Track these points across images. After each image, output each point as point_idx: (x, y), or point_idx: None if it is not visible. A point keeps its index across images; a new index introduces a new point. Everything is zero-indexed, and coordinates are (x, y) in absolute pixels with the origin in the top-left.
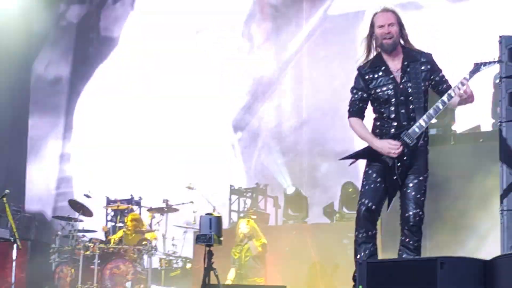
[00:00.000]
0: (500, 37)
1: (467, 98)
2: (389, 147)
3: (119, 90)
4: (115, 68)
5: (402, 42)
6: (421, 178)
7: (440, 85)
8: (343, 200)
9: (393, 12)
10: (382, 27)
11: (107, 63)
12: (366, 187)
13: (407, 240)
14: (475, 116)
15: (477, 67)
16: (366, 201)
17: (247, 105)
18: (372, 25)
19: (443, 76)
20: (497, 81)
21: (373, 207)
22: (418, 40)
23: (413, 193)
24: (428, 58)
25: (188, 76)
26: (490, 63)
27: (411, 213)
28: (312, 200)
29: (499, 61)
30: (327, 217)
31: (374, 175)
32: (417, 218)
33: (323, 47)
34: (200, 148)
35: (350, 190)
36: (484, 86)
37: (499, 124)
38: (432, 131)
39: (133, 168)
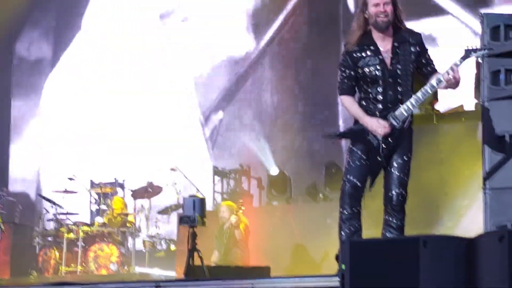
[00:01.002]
0: (481, 15)
1: (453, 84)
2: (377, 125)
3: (94, 74)
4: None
5: (394, 22)
6: (405, 158)
7: (425, 67)
8: (326, 180)
9: None
10: (377, 6)
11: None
12: (352, 164)
13: (390, 219)
14: (458, 95)
15: (467, 53)
16: (351, 178)
17: (228, 86)
18: (365, 3)
19: (429, 57)
20: (480, 60)
21: (359, 184)
22: None
23: (397, 173)
24: (417, 39)
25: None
26: (480, 49)
27: (394, 192)
28: (296, 180)
29: (489, 48)
30: (310, 197)
31: (359, 152)
32: (400, 198)
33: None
34: (181, 131)
35: (333, 170)
36: (467, 65)
37: (481, 103)
38: (415, 110)
39: (115, 151)
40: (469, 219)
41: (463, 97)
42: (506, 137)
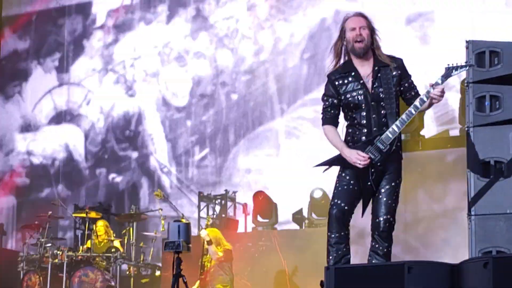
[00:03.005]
0: (467, 42)
1: (437, 99)
2: (356, 157)
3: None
4: None
5: (372, 47)
6: (393, 184)
7: (408, 92)
8: (312, 206)
9: (365, 16)
10: (353, 30)
11: None
12: (339, 188)
13: (376, 246)
14: (443, 121)
15: (448, 72)
16: (339, 202)
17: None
18: (342, 30)
19: (412, 82)
20: (465, 86)
21: (346, 207)
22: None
23: (385, 198)
24: (399, 63)
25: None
26: (461, 67)
27: (381, 218)
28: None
29: (470, 65)
30: (296, 223)
31: (348, 177)
32: (388, 224)
33: None
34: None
35: (319, 196)
36: (452, 91)
37: (466, 129)
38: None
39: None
40: (454, 245)
41: (448, 123)
42: (491, 163)
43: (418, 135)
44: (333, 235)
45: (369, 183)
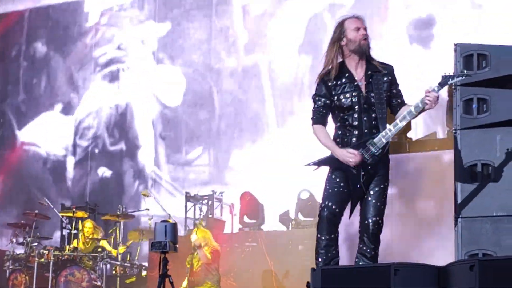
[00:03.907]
0: (455, 45)
1: (432, 104)
2: (347, 155)
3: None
4: None
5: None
6: (382, 186)
7: (395, 98)
8: (299, 208)
9: (364, 20)
10: (358, 29)
11: None
12: (330, 191)
13: (364, 248)
14: (431, 123)
15: (445, 80)
16: (330, 204)
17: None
18: (341, 31)
19: (400, 90)
20: (453, 88)
21: (337, 210)
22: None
23: (374, 201)
24: (389, 70)
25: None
26: (458, 76)
27: (370, 220)
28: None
29: (467, 75)
30: (283, 224)
31: (338, 179)
32: (376, 226)
33: None
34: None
35: (306, 198)
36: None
37: (453, 132)
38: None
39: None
40: (440, 248)
41: (435, 125)
42: (478, 166)
43: (405, 137)
44: (323, 238)
45: (359, 186)
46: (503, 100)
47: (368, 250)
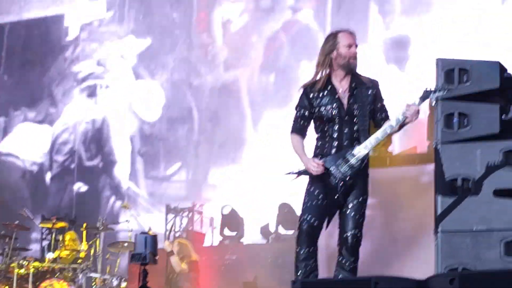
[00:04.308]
0: (437, 59)
1: (413, 117)
2: (312, 164)
3: None
4: None
5: None
6: (360, 199)
7: (379, 113)
8: (279, 220)
9: (355, 34)
10: (351, 47)
11: None
12: (308, 204)
13: (343, 261)
14: (411, 137)
15: (426, 94)
16: (309, 217)
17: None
18: (334, 44)
19: (384, 105)
20: (434, 103)
21: (316, 223)
22: None
23: (353, 213)
24: (374, 84)
25: None
26: (439, 90)
27: (349, 233)
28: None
29: (448, 89)
30: (263, 237)
31: (317, 192)
32: (355, 239)
33: None
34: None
35: (286, 211)
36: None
37: (434, 146)
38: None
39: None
40: (420, 261)
41: (416, 139)
42: (458, 180)
43: (385, 151)
44: (302, 251)
45: (336, 196)
46: (484, 115)
47: (348, 263)
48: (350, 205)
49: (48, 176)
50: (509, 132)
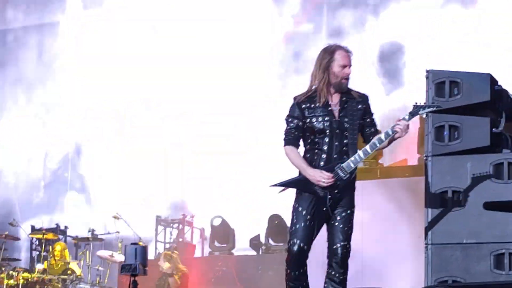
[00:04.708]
0: (427, 71)
1: (402, 133)
2: (320, 175)
3: None
4: None
5: None
6: (348, 211)
7: (368, 127)
8: (269, 232)
9: (352, 54)
10: (345, 67)
11: None
12: (297, 226)
13: (333, 273)
14: (402, 150)
15: (416, 110)
16: (298, 241)
17: None
18: (330, 60)
19: (374, 120)
20: (424, 115)
21: (305, 247)
22: None
23: (341, 226)
24: (364, 99)
25: None
26: (429, 107)
27: (338, 245)
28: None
29: (437, 106)
30: (253, 249)
31: (304, 212)
32: (345, 251)
33: None
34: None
35: (277, 222)
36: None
37: (425, 158)
38: (359, 164)
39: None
40: (410, 273)
41: (406, 152)
42: (448, 193)
43: (376, 163)
44: (292, 273)
45: (325, 209)
46: (474, 127)
47: (337, 275)
48: (338, 218)
49: (41, 185)
50: (499, 145)
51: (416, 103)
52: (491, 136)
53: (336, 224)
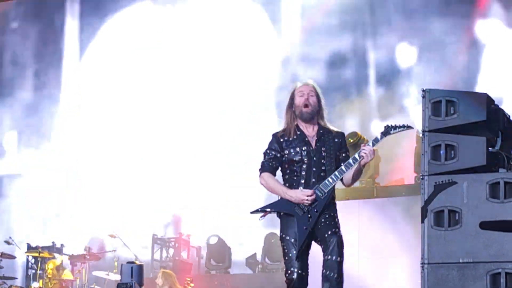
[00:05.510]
0: (423, 90)
1: (368, 157)
2: (302, 193)
3: None
4: None
5: (318, 116)
6: (334, 229)
7: (343, 163)
8: (266, 251)
9: (314, 86)
10: (302, 96)
11: None
12: (290, 255)
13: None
14: (398, 169)
15: (387, 130)
16: (296, 270)
17: None
18: (292, 97)
19: (348, 156)
20: (421, 134)
21: (303, 273)
22: None
23: (332, 244)
24: (340, 135)
25: None
26: (400, 127)
27: (326, 235)
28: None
29: (408, 127)
30: (249, 267)
31: (293, 240)
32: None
33: None
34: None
35: (273, 241)
36: (407, 139)
37: (421, 177)
38: (356, 183)
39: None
40: None
41: (403, 171)
42: (444, 212)
43: (373, 182)
44: None
45: (305, 228)
46: (470, 147)
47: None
48: (326, 235)
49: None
50: (496, 164)
51: (388, 124)
52: (488, 156)
53: (326, 242)
